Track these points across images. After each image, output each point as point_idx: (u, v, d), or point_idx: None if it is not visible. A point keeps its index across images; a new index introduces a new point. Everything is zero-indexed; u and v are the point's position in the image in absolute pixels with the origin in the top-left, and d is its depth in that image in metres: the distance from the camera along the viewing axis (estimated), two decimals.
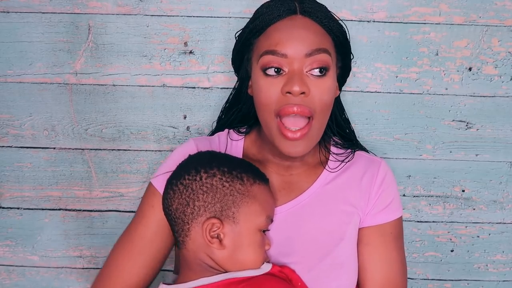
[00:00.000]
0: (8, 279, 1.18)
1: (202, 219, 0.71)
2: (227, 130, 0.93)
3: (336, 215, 0.84)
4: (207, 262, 0.73)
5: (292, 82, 0.74)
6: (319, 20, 0.78)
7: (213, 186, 0.72)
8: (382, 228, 0.85)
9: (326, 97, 0.78)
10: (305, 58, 0.76)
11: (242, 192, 0.73)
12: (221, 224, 0.71)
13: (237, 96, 0.91)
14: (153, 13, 1.02)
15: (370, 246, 0.84)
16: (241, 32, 0.84)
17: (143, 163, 1.10)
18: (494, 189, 1.11)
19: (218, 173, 0.73)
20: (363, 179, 0.87)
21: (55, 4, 1.01)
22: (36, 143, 1.09)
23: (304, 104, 0.75)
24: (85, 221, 1.14)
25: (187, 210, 0.72)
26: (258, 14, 0.80)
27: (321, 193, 0.86)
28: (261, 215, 0.74)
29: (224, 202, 0.71)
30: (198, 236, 0.72)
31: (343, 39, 0.82)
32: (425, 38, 1.02)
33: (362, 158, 0.90)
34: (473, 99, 1.06)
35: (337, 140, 0.92)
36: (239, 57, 0.86)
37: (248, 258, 0.73)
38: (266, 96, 0.77)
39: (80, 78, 1.05)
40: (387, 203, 0.86)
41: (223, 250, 0.72)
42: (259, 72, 0.78)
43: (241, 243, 0.72)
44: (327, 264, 0.80)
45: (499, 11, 1.01)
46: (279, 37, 0.76)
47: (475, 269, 1.16)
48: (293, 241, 0.82)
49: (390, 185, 0.87)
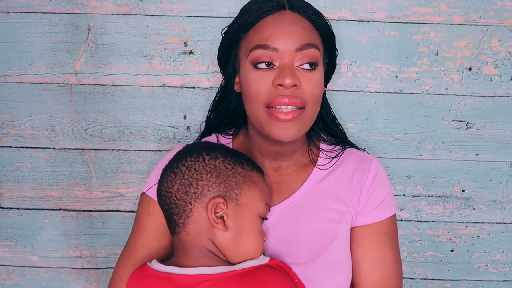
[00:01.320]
0: (8, 279, 1.18)
1: (206, 199, 0.71)
2: (215, 135, 0.93)
3: (328, 214, 0.84)
4: (208, 247, 0.72)
5: (284, 75, 0.75)
6: (307, 15, 0.79)
7: (216, 167, 0.72)
8: (375, 227, 0.84)
9: (317, 90, 0.78)
10: (296, 53, 0.76)
11: (244, 175, 0.73)
12: (225, 204, 0.71)
13: (223, 94, 0.91)
14: (153, 13, 1.02)
15: (364, 245, 0.83)
16: (228, 28, 0.84)
17: (143, 163, 1.10)
18: (494, 189, 1.11)
19: (220, 155, 0.73)
20: (354, 176, 0.86)
21: (55, 4, 1.01)
22: (36, 143, 1.09)
23: (295, 95, 0.76)
24: (85, 221, 1.14)
25: (190, 190, 0.71)
26: (246, 9, 0.81)
27: (312, 192, 0.85)
28: (261, 201, 0.74)
29: (228, 183, 0.72)
30: (200, 218, 0.71)
31: (330, 35, 0.83)
32: (425, 38, 1.02)
33: (353, 155, 0.89)
34: (473, 99, 1.06)
35: (326, 137, 0.92)
36: (226, 54, 0.86)
37: (250, 244, 0.73)
38: (257, 88, 0.77)
39: (80, 78, 1.05)
40: (379, 201, 0.85)
41: (226, 233, 0.71)
42: (249, 66, 0.78)
43: (243, 227, 0.72)
44: (320, 264, 0.80)
45: (499, 11, 1.01)
46: (270, 32, 0.77)
47: (475, 269, 1.16)
48: (286, 242, 0.82)
49: (382, 183, 0.86)
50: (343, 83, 1.05)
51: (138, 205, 0.89)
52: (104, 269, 1.17)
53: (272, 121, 0.77)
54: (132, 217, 1.13)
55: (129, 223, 1.13)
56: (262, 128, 0.79)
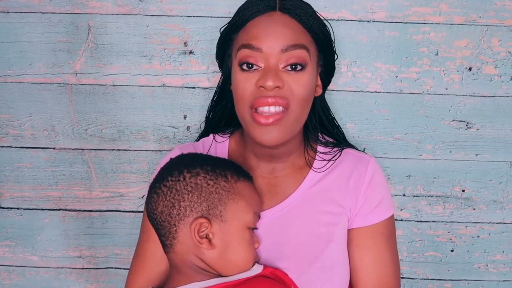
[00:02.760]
0: (8, 279, 1.18)
1: (189, 219, 0.70)
2: (212, 135, 0.93)
3: (324, 217, 0.83)
4: (198, 264, 0.72)
5: (266, 77, 0.74)
6: (298, 17, 0.78)
7: (198, 185, 0.71)
8: (373, 229, 0.84)
9: (302, 90, 0.77)
10: (281, 54, 0.75)
11: (228, 189, 0.72)
12: (209, 223, 0.70)
13: (221, 93, 0.91)
14: (153, 13, 1.02)
15: (362, 247, 0.83)
16: (223, 28, 0.85)
17: (143, 163, 1.10)
18: (494, 189, 1.11)
19: (202, 171, 0.72)
20: (351, 178, 0.85)
21: (55, 4, 1.01)
22: (36, 143, 1.09)
23: (279, 95, 0.75)
24: (85, 221, 1.14)
25: (173, 211, 0.70)
26: (239, 10, 0.81)
27: (308, 195, 0.84)
28: (248, 212, 0.73)
29: (210, 201, 0.70)
30: (186, 238, 0.71)
31: (324, 37, 0.81)
32: (425, 38, 1.02)
33: (350, 156, 0.88)
34: (473, 99, 1.06)
35: (324, 139, 0.91)
36: (222, 53, 0.86)
37: (239, 257, 0.72)
38: (242, 89, 0.77)
39: (80, 78, 1.05)
40: (376, 203, 0.84)
41: (213, 250, 0.71)
42: (237, 67, 0.78)
43: (231, 242, 0.71)
44: (317, 268, 0.80)
45: (499, 11, 1.00)
46: (256, 32, 0.77)
47: (475, 269, 1.16)
48: (281, 246, 0.81)
49: (379, 184, 0.85)
50: (343, 83, 1.05)
51: (144, 211, 0.88)
52: (104, 269, 1.17)
53: (255, 125, 0.76)
54: (132, 217, 1.14)
55: (129, 223, 1.14)
56: (248, 132, 0.79)
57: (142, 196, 1.12)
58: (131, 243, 1.14)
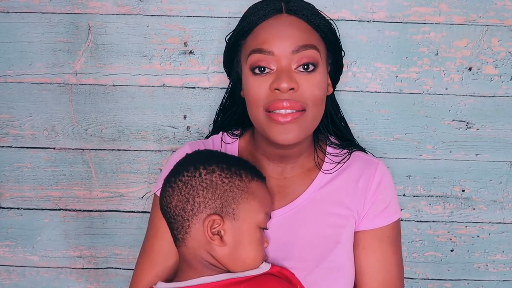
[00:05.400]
0: (8, 279, 1.18)
1: (203, 216, 0.71)
2: (221, 133, 0.93)
3: (332, 219, 0.83)
4: (208, 260, 0.73)
5: (280, 79, 0.74)
6: (305, 17, 0.79)
7: (213, 182, 0.72)
8: (379, 232, 0.84)
9: (317, 91, 0.77)
10: (292, 55, 0.76)
11: (242, 188, 0.73)
12: (221, 220, 0.71)
13: (231, 99, 0.92)
14: (153, 13, 1.02)
15: (367, 250, 0.84)
16: (230, 35, 0.85)
17: (143, 163, 1.10)
18: (494, 189, 1.11)
19: (217, 169, 0.73)
20: (359, 181, 0.85)
21: (55, 4, 1.01)
22: (36, 143, 1.09)
23: (294, 99, 0.75)
24: (85, 221, 1.14)
25: (187, 206, 0.72)
26: (245, 16, 0.81)
27: (316, 196, 0.85)
28: (260, 212, 0.74)
29: (224, 198, 0.72)
30: (198, 233, 0.72)
31: (331, 35, 0.82)
32: (425, 38, 1.02)
33: (359, 159, 0.88)
34: (473, 99, 1.06)
35: (334, 140, 0.91)
36: (230, 60, 0.86)
37: (248, 256, 0.73)
38: (256, 93, 0.77)
39: (80, 78, 1.05)
40: (384, 206, 0.85)
41: (224, 247, 0.72)
42: (248, 71, 0.78)
43: (241, 240, 0.72)
44: (324, 268, 0.80)
45: (499, 11, 1.01)
46: (265, 36, 0.77)
47: (475, 269, 1.16)
48: (289, 247, 0.82)
49: (387, 188, 0.86)
50: (343, 83, 1.04)
51: (151, 207, 0.89)
52: (104, 269, 1.17)
53: (272, 125, 0.76)
54: (132, 217, 1.14)
55: (129, 223, 1.14)
56: (263, 132, 0.79)
57: (142, 196, 1.12)
58: (131, 243, 1.14)
